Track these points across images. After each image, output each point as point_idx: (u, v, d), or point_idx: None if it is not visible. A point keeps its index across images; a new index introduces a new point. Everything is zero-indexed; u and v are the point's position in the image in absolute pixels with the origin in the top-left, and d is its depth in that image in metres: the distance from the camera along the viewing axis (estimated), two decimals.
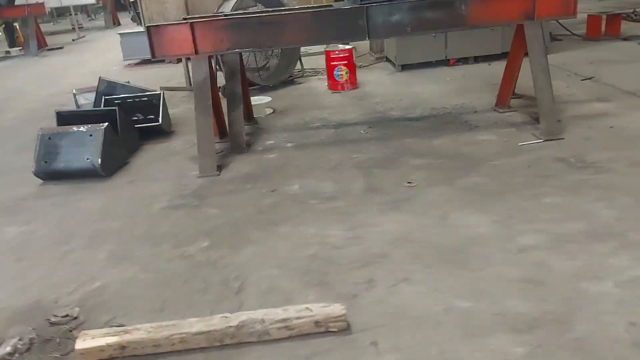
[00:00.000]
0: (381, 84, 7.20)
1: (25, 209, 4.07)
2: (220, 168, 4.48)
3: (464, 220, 3.23)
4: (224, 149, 4.97)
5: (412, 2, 4.43)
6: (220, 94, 5.61)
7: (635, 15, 10.00)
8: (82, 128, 4.53)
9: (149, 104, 5.59)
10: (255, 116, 5.91)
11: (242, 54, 5.51)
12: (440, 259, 2.86)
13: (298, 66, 8.01)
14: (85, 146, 4.45)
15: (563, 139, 4.37)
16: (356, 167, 4.24)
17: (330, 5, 4.84)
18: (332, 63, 6.97)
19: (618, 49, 7.73)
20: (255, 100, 6.18)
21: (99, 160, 4.38)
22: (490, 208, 3.34)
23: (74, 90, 5.88)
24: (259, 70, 7.34)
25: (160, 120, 5.37)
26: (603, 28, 8.64)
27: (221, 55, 5.20)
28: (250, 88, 6.92)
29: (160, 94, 5.61)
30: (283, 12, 4.54)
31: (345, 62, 6.93)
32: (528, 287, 2.56)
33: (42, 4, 14.57)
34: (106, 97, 5.53)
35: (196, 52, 4.50)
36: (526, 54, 4.72)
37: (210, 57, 4.67)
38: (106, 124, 4.54)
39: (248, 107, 5.76)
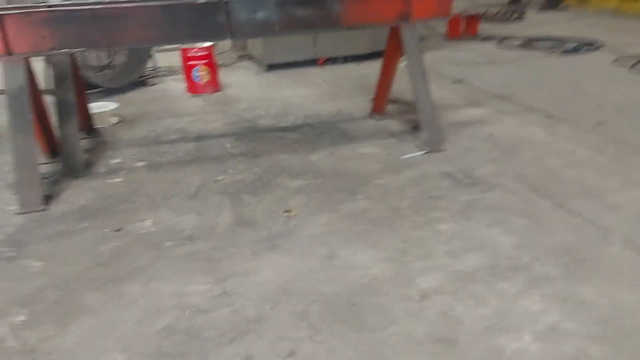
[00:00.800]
0: (247, 87, 6.56)
1: None
2: (48, 199, 3.54)
3: (354, 258, 2.73)
4: (56, 171, 4.00)
5: None
6: None
7: (488, 14, 10.43)
8: None
9: None
10: (97, 127, 4.95)
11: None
12: (332, 318, 2.32)
13: (151, 64, 7.08)
14: None
15: (445, 150, 4.09)
16: (222, 193, 3.57)
17: None
18: (190, 62, 6.17)
19: (479, 50, 7.87)
20: (98, 107, 5.20)
21: None
22: (382, 240, 2.88)
23: None
24: (102, 69, 6.30)
25: None
26: (462, 28, 8.81)
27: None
28: (92, 91, 5.91)
29: None
30: (124, 5, 3.70)
31: (206, 61, 6.18)
32: (439, 350, 2.11)
33: None
34: None
35: (8, 52, 3.51)
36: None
37: (28, 59, 3.69)
38: None
39: (86, 117, 4.79)
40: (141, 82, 6.70)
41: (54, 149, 4.29)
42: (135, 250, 2.91)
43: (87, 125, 4.81)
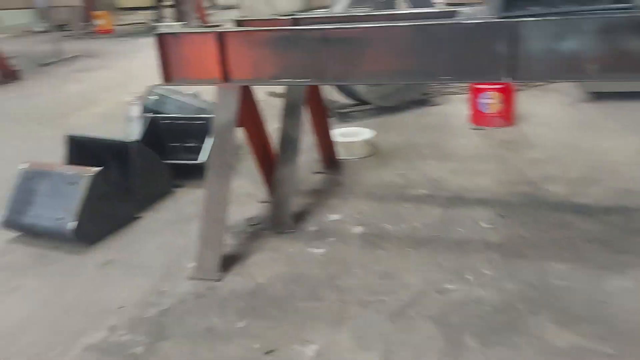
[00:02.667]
0: (550, 123, 4.90)
1: None
2: (229, 264, 2.85)
3: None
4: (264, 219, 3.33)
5: (609, 16, 2.33)
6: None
7: None
8: (66, 170, 3.25)
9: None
10: (339, 159, 4.14)
11: None
12: None
13: None
14: (63, 198, 3.15)
15: None
16: (439, 322, 2.30)
17: (452, 14, 2.89)
18: (478, 85, 4.86)
19: None
20: (349, 134, 4.41)
21: (74, 223, 3.05)
22: None
23: (131, 98, 4.68)
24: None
25: (201, 157, 3.90)
26: None
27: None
28: (358, 109, 5.19)
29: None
30: (365, 25, 2.69)
31: (499, 86, 4.78)
32: None
33: None
34: (154, 115, 4.24)
35: (226, 78, 2.90)
36: None
37: (247, 89, 3.04)
38: (96, 170, 3.18)
39: (326, 146, 4.02)
40: (422, 101, 5.69)
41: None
42: None
43: (327, 156, 4.04)
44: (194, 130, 4.21)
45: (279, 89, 3.60)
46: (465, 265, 2.72)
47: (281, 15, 3.35)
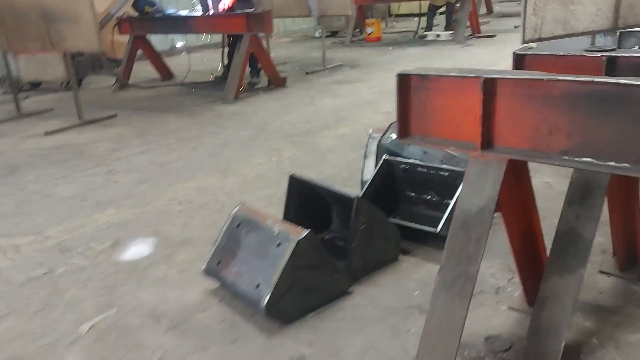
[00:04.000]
0: None
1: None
2: None
3: None
4: (513, 343, 2.29)
5: None
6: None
7: None
8: (275, 226, 2.69)
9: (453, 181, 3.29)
10: None
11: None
12: None
13: None
14: (266, 260, 2.61)
15: None
16: None
17: None
18: None
19: None
20: None
21: (267, 297, 2.48)
22: None
23: (370, 130, 4.02)
24: None
25: (439, 227, 3.01)
26: None
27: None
28: None
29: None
30: None
31: None
32: None
33: None
34: (391, 157, 3.52)
35: (487, 144, 1.96)
36: None
37: (515, 163, 2.03)
38: (304, 233, 2.56)
39: (628, 237, 2.72)
40: None
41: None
42: None
43: (625, 250, 2.75)
44: (436, 181, 3.37)
45: None
46: None
47: (590, 49, 2.22)
